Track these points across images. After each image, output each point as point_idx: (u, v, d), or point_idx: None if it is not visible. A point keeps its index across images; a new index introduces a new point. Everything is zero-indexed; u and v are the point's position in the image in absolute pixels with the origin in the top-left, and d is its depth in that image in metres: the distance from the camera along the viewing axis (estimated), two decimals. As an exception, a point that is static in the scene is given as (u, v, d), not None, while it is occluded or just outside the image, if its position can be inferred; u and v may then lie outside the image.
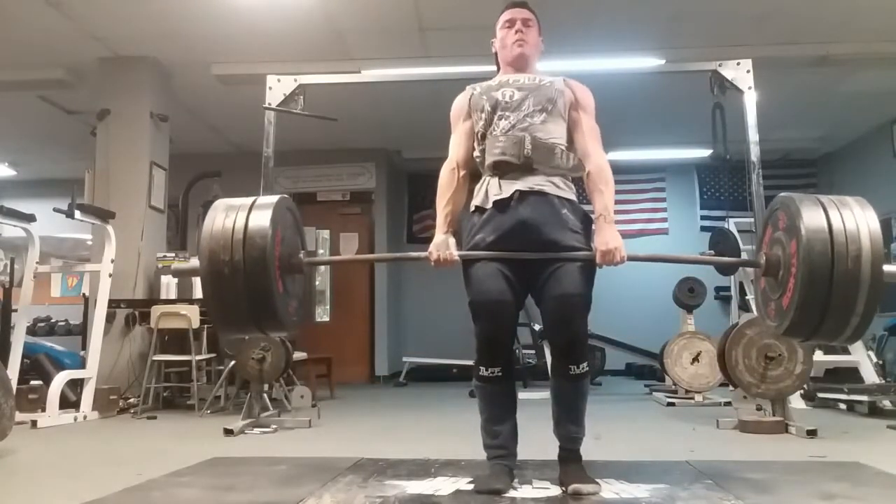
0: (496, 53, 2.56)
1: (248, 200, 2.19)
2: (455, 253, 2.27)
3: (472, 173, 2.45)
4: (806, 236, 2.00)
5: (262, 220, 2.10)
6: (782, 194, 2.22)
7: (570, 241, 2.25)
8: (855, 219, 2.01)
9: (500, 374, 2.30)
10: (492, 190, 2.31)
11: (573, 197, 2.34)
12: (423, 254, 2.29)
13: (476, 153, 2.41)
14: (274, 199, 2.20)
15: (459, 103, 2.49)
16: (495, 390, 2.33)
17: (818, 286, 1.98)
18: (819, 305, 2.01)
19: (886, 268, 1.98)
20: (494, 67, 2.59)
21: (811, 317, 2.05)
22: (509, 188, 2.28)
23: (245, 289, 2.06)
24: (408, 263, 8.54)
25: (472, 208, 2.38)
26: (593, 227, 2.30)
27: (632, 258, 2.26)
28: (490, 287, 2.25)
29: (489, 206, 2.30)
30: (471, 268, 2.30)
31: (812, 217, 2.03)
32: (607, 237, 2.22)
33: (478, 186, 2.40)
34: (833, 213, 2.02)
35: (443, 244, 2.28)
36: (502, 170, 2.29)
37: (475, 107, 2.41)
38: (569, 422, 2.32)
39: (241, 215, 2.11)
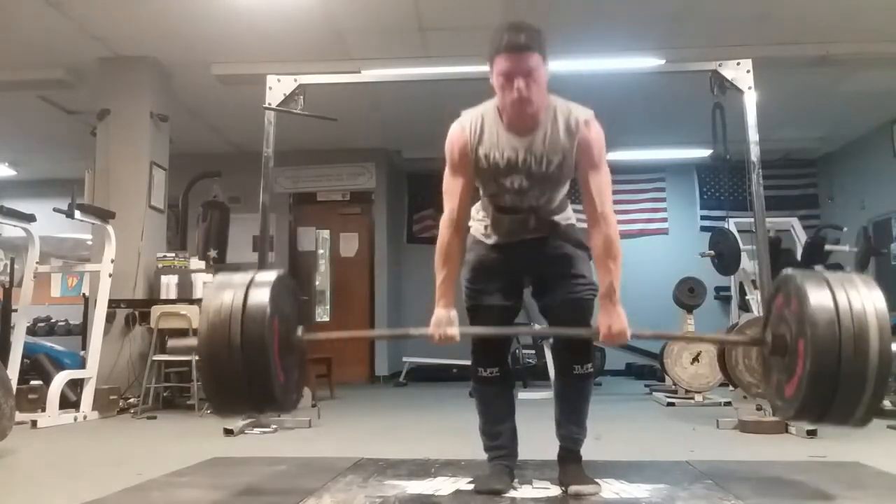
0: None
1: (247, 278, 2.12)
2: (457, 332, 2.19)
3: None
4: (813, 330, 1.93)
5: (260, 298, 2.05)
6: (790, 272, 2.12)
7: (570, 263, 2.28)
8: (863, 302, 1.94)
9: (498, 374, 2.31)
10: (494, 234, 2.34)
11: (572, 219, 2.37)
12: (425, 331, 2.21)
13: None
14: (271, 276, 2.16)
15: (458, 149, 2.21)
16: (494, 391, 2.34)
17: (824, 383, 1.92)
18: (823, 402, 1.95)
19: None
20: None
21: (815, 410, 2.01)
22: (512, 239, 2.31)
23: (244, 372, 2.00)
24: (407, 262, 8.57)
25: (472, 233, 2.39)
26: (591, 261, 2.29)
27: (636, 336, 2.20)
28: (487, 290, 2.28)
29: (490, 243, 2.34)
30: (469, 276, 2.34)
31: (819, 300, 1.95)
32: (612, 319, 2.13)
33: (480, 214, 2.38)
34: (840, 298, 1.95)
35: (444, 321, 2.18)
36: None
37: (479, 174, 2.24)
38: (570, 423, 2.32)
39: (239, 294, 2.05)
